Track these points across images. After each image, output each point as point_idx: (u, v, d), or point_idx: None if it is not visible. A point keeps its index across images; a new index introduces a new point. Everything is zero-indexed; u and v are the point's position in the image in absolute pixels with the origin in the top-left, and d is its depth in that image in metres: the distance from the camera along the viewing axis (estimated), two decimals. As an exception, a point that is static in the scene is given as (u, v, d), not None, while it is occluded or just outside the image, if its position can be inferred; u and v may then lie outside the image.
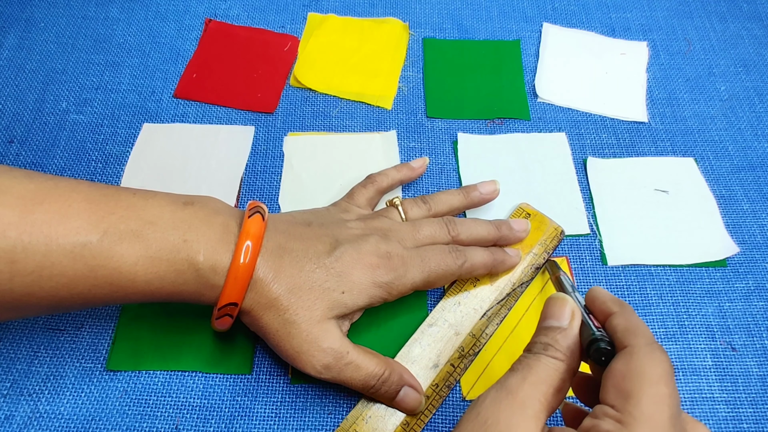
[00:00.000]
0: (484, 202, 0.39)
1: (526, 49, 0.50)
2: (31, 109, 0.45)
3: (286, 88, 0.47)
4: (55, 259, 0.26)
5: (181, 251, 0.28)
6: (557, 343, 0.25)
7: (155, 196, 0.30)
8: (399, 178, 0.40)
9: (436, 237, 0.35)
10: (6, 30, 0.50)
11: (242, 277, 0.29)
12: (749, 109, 0.47)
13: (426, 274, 0.33)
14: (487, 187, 0.39)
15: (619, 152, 0.44)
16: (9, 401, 0.33)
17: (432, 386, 0.33)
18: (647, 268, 0.39)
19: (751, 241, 0.40)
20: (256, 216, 0.30)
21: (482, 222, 0.37)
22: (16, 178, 0.26)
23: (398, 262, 0.32)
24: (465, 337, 0.35)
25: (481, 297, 0.36)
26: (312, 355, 0.30)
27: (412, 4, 0.53)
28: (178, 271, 0.28)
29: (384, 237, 0.33)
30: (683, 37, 0.51)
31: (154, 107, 0.46)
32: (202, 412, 0.33)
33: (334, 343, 0.30)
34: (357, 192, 0.38)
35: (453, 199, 0.38)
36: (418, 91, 0.47)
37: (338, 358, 0.30)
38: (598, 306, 0.27)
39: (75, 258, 0.26)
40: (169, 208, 0.29)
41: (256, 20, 0.51)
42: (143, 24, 0.51)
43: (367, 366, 0.31)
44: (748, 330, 0.36)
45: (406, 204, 0.37)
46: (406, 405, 0.32)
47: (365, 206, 0.38)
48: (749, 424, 0.33)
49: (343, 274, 0.31)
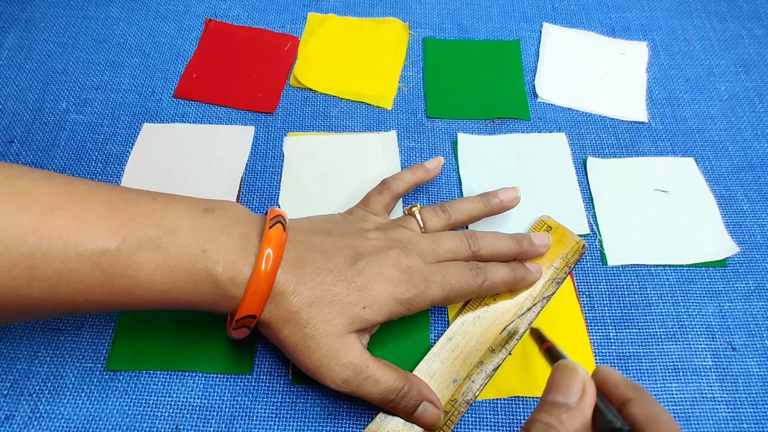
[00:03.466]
0: (504, 209, 0.38)
1: (526, 49, 0.50)
2: (31, 109, 0.45)
3: (286, 88, 0.47)
4: (74, 265, 0.25)
5: (199, 261, 0.28)
6: (561, 425, 0.22)
7: (175, 202, 0.29)
8: (414, 181, 0.39)
9: (457, 252, 0.34)
10: (6, 30, 0.50)
11: (262, 290, 0.29)
12: (749, 109, 0.47)
13: (447, 292, 0.32)
14: (507, 194, 0.38)
15: (619, 152, 0.44)
16: (9, 401, 0.33)
17: (450, 401, 0.33)
18: (647, 268, 0.39)
19: (751, 241, 0.40)
20: (277, 227, 0.30)
21: (503, 236, 0.36)
22: (36, 180, 0.26)
23: (419, 277, 0.32)
24: (484, 351, 0.34)
25: (501, 311, 0.36)
26: (332, 369, 0.30)
27: (412, 4, 0.53)
28: (196, 281, 0.28)
29: (404, 250, 0.33)
30: (683, 37, 0.51)
31: (154, 107, 0.46)
32: (202, 412, 0.33)
33: (354, 357, 0.30)
34: (373, 199, 0.38)
35: (472, 207, 0.37)
36: (418, 91, 0.47)
37: (358, 373, 0.30)
38: (609, 390, 0.24)
39: (93, 265, 0.26)
40: (188, 216, 0.29)
41: (256, 20, 0.51)
42: (143, 24, 0.51)
43: (387, 380, 0.30)
44: (748, 330, 0.36)
45: (425, 213, 0.36)
46: (424, 420, 0.31)
47: (382, 213, 0.37)
48: (749, 424, 0.33)
49: (364, 288, 0.31)
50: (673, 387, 0.34)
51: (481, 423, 0.33)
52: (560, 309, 0.37)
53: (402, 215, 0.38)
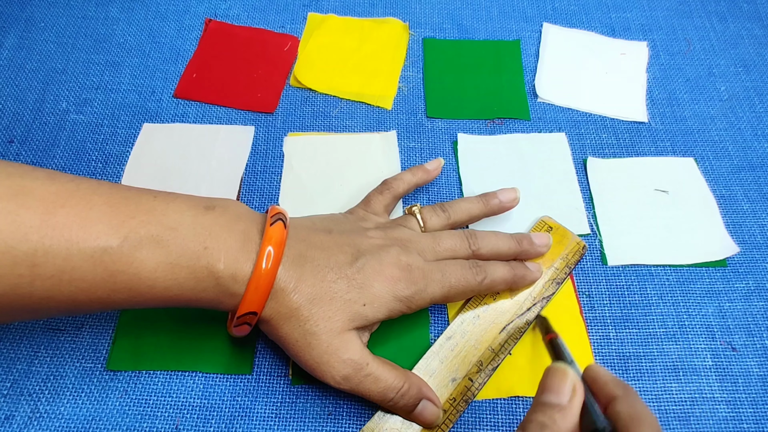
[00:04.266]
0: (504, 210, 0.39)
1: (526, 49, 0.50)
2: (31, 109, 0.45)
3: (286, 88, 0.47)
4: (76, 263, 0.26)
5: (201, 258, 0.28)
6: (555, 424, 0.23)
7: (176, 200, 0.29)
8: (415, 181, 0.39)
9: (457, 250, 0.34)
10: (6, 30, 0.50)
11: (263, 287, 0.29)
12: (749, 109, 0.47)
13: (446, 290, 0.33)
14: (507, 194, 0.38)
15: (619, 152, 0.44)
16: (9, 401, 0.33)
17: (449, 400, 0.33)
18: (647, 268, 0.39)
19: (751, 241, 0.40)
20: (278, 224, 0.30)
21: (503, 236, 0.36)
22: (38, 179, 0.26)
23: (419, 275, 0.32)
24: (484, 351, 0.34)
25: (501, 311, 0.36)
26: (332, 366, 0.30)
27: (412, 4, 0.53)
28: (198, 278, 0.28)
29: (404, 248, 0.33)
30: (683, 37, 0.51)
31: (154, 107, 0.46)
32: (202, 412, 0.33)
33: (354, 354, 0.30)
34: (373, 199, 0.38)
35: (472, 207, 0.38)
36: (418, 91, 0.47)
37: (358, 370, 0.30)
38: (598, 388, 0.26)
39: (95, 263, 0.26)
40: (190, 213, 0.29)
41: (256, 20, 0.51)
42: (143, 24, 0.51)
43: (387, 378, 0.31)
44: (748, 330, 0.36)
45: (425, 212, 0.37)
46: (423, 418, 0.31)
47: (382, 213, 0.38)
48: (749, 424, 0.33)
49: (364, 285, 0.31)
50: (673, 387, 0.34)
51: (481, 423, 0.33)
52: (560, 309, 0.37)
53: (402, 215, 0.38)
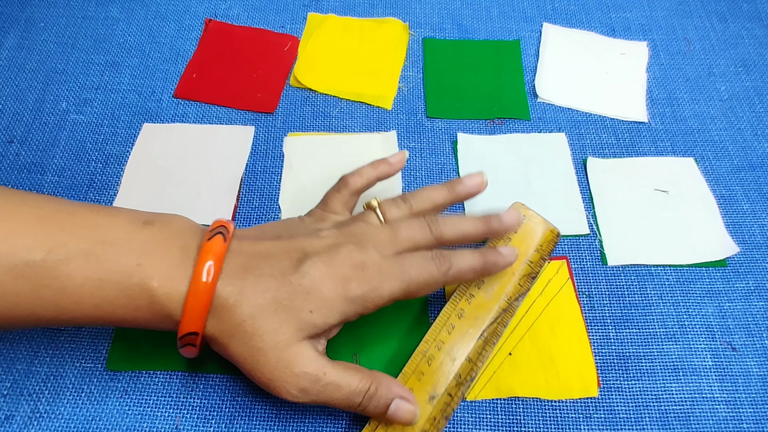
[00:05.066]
0: (471, 195, 0.36)
1: (526, 49, 0.50)
2: (31, 109, 0.45)
3: (286, 88, 0.47)
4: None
5: (133, 275, 0.27)
6: None
7: (119, 214, 0.28)
8: (375, 175, 0.36)
9: (417, 239, 0.32)
10: (6, 30, 0.50)
11: (201, 304, 0.27)
12: (749, 109, 0.47)
13: (406, 284, 0.30)
14: (473, 179, 0.36)
15: (619, 152, 0.44)
16: (9, 401, 0.33)
17: (429, 420, 0.31)
18: (647, 268, 0.39)
19: (751, 241, 0.40)
20: (216, 238, 0.28)
21: (468, 217, 0.34)
22: None
23: (373, 272, 0.30)
24: (462, 362, 0.33)
25: (476, 317, 0.34)
26: (285, 381, 0.28)
27: (412, 4, 0.53)
28: (130, 296, 0.27)
29: (359, 245, 0.31)
30: (683, 37, 0.51)
31: (154, 107, 0.46)
32: (202, 412, 0.33)
33: (308, 366, 0.28)
34: (330, 197, 0.35)
35: (436, 194, 0.35)
36: (418, 91, 0.47)
37: (314, 381, 0.28)
38: None
39: (16, 276, 0.25)
40: (127, 228, 0.28)
41: (256, 20, 0.51)
42: (143, 24, 0.51)
43: (349, 383, 0.29)
44: (748, 330, 0.36)
45: (384, 205, 0.34)
46: (398, 419, 0.30)
47: (342, 211, 0.35)
48: (749, 424, 0.33)
49: (311, 290, 0.29)
50: (673, 387, 0.34)
51: (481, 423, 0.33)
52: (560, 309, 0.37)
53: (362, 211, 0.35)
